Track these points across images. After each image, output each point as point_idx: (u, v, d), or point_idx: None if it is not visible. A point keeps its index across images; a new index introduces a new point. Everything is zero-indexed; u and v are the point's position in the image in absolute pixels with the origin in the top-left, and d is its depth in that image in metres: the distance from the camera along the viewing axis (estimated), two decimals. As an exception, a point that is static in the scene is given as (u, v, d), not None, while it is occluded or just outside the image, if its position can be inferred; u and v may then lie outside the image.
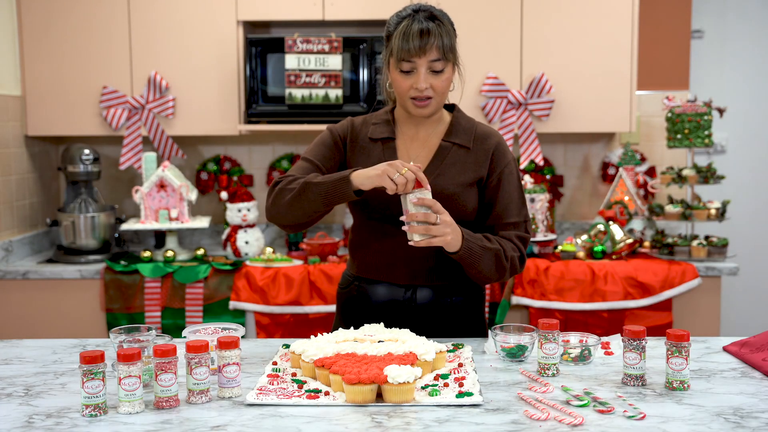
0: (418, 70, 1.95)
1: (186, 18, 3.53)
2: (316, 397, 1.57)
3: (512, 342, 1.84)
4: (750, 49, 4.23)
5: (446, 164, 2.03)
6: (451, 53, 1.97)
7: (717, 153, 4.26)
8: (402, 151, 2.07)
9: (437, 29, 1.94)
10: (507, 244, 2.00)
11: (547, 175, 3.89)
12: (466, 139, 2.06)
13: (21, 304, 3.35)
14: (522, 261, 2.04)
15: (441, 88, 1.98)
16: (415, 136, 2.09)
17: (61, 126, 3.61)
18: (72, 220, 3.49)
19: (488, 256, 1.94)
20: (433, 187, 1.95)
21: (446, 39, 1.95)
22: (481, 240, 1.95)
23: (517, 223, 2.04)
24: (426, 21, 1.95)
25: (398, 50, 1.94)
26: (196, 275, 3.29)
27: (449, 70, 1.99)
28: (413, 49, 1.93)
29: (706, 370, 1.77)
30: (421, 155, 2.06)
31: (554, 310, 3.24)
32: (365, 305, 2.09)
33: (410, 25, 1.94)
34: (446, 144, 2.06)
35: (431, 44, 1.93)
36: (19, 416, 1.51)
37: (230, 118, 3.56)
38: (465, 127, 2.09)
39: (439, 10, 2.02)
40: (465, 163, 2.04)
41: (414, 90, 1.97)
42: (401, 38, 1.94)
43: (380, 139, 2.08)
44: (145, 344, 1.66)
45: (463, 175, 2.03)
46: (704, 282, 3.30)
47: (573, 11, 3.49)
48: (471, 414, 1.50)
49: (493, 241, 1.97)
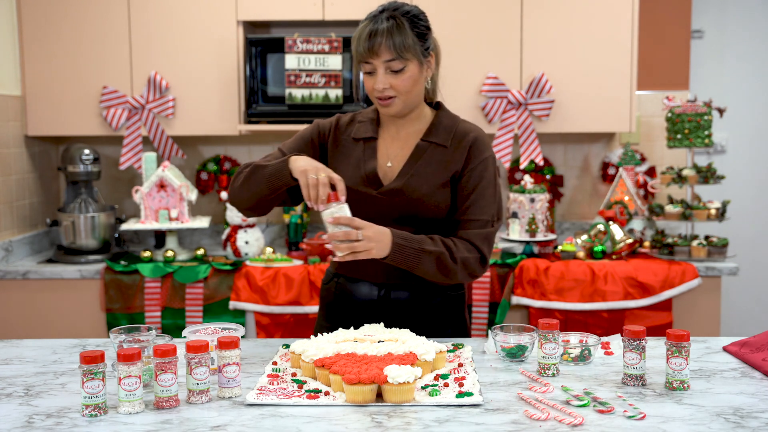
0: (377, 71, 1.96)
1: (186, 18, 3.53)
2: (316, 397, 1.57)
3: (512, 342, 1.84)
4: (750, 49, 4.23)
5: (421, 164, 2.03)
6: (408, 52, 1.94)
7: (717, 153, 4.27)
8: (382, 150, 2.08)
9: (388, 30, 1.93)
10: (461, 244, 1.97)
11: (547, 175, 3.89)
12: (445, 138, 2.05)
13: (21, 304, 3.35)
14: (483, 261, 2.00)
15: (402, 86, 1.97)
16: (396, 136, 2.09)
17: (61, 126, 3.61)
18: (72, 220, 3.49)
19: (427, 259, 1.92)
20: (404, 186, 1.98)
21: (398, 38, 1.93)
22: (421, 243, 1.92)
23: (483, 221, 2.01)
24: (383, 21, 1.94)
25: (354, 52, 1.98)
26: (196, 275, 3.29)
27: (412, 69, 1.97)
28: (364, 51, 1.94)
29: (706, 370, 1.77)
30: (399, 155, 2.06)
31: (554, 310, 3.24)
32: (345, 302, 2.10)
33: (365, 27, 1.95)
34: (423, 143, 2.05)
35: (379, 44, 1.92)
36: (19, 416, 1.51)
37: (230, 118, 3.56)
38: (446, 125, 2.08)
39: (408, 8, 1.99)
40: (441, 162, 2.03)
41: (375, 90, 1.98)
42: (356, 40, 1.97)
43: (362, 138, 2.09)
44: (145, 344, 1.66)
45: (438, 175, 2.01)
46: (704, 282, 3.30)
47: (573, 11, 3.49)
48: (471, 414, 1.50)
49: (437, 243, 1.94)
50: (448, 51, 3.50)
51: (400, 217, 2.01)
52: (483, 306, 3.31)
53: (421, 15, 2.01)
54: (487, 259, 2.01)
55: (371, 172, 2.03)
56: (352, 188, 2.01)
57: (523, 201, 3.44)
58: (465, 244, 1.98)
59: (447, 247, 1.95)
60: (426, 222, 2.02)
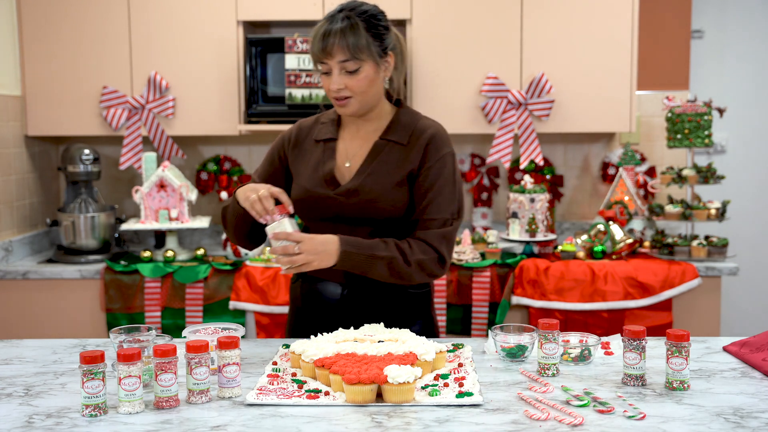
0: (333, 71, 1.96)
1: (186, 18, 3.53)
2: (316, 397, 1.57)
3: (512, 342, 1.84)
4: (750, 49, 4.23)
5: (378, 163, 2.02)
6: (362, 52, 1.94)
7: (717, 153, 4.27)
8: (341, 151, 2.08)
9: (341, 30, 1.93)
10: (416, 246, 1.97)
11: (547, 175, 3.89)
12: (403, 136, 2.04)
13: (21, 304, 3.35)
14: (441, 261, 2.00)
15: (358, 87, 1.97)
16: (356, 135, 2.09)
17: (61, 126, 3.61)
18: (72, 220, 3.49)
19: (379, 264, 1.93)
20: (360, 186, 1.99)
21: (352, 38, 1.93)
22: (372, 248, 1.93)
23: (442, 219, 2.00)
24: (338, 21, 1.94)
25: (310, 53, 1.99)
26: (196, 275, 3.29)
27: (368, 69, 1.96)
28: (318, 51, 1.95)
29: (706, 370, 1.77)
30: (357, 154, 2.06)
31: (554, 310, 3.24)
32: (312, 301, 2.10)
33: (321, 27, 1.96)
34: (382, 142, 2.05)
35: (332, 45, 1.93)
36: (19, 416, 1.51)
37: (230, 118, 3.56)
38: (405, 123, 2.07)
39: (365, 8, 1.99)
40: (399, 161, 2.02)
41: (331, 91, 1.98)
42: (311, 41, 1.97)
43: (323, 140, 2.09)
44: (145, 344, 1.66)
45: (394, 174, 2.01)
46: (704, 282, 3.30)
47: (573, 11, 3.49)
48: (471, 414, 1.50)
49: (390, 248, 1.94)
50: (449, 51, 3.52)
51: (356, 218, 2.01)
52: (483, 306, 3.31)
53: (379, 15, 2.00)
54: (445, 258, 2.01)
55: (329, 173, 2.04)
56: (310, 190, 2.03)
57: (523, 201, 3.44)
58: (421, 245, 1.97)
59: (400, 250, 1.95)
60: (383, 222, 2.01)
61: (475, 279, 3.31)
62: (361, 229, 2.01)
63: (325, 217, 2.04)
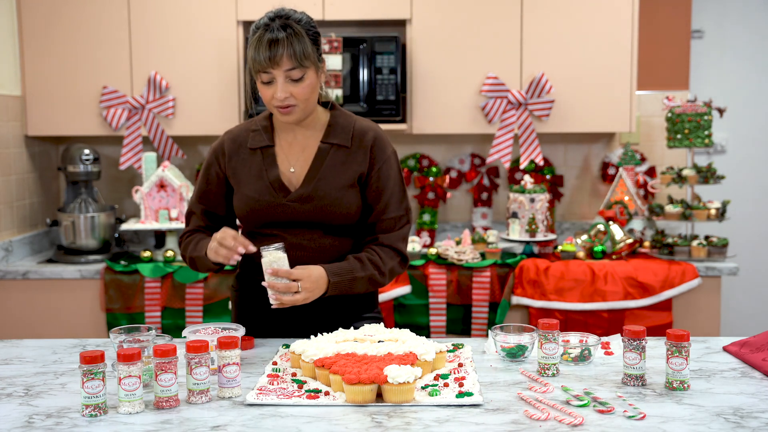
0: (276, 81, 1.94)
1: (186, 18, 3.53)
2: (316, 397, 1.57)
3: (512, 342, 1.84)
4: (750, 49, 4.23)
5: (326, 167, 2.04)
6: (307, 59, 1.94)
7: (717, 153, 4.26)
8: (281, 157, 2.07)
9: (287, 38, 1.92)
10: (384, 255, 2.04)
11: (547, 175, 3.89)
12: (345, 138, 2.06)
13: (21, 304, 3.35)
14: (404, 261, 2.09)
15: (302, 94, 1.97)
16: (294, 141, 2.08)
17: (61, 126, 3.61)
18: (72, 220, 3.49)
19: (361, 283, 2.01)
20: (313, 192, 2.00)
21: (298, 46, 1.92)
22: (353, 272, 1.99)
23: (398, 217, 2.07)
24: (280, 30, 1.92)
25: (252, 62, 1.95)
26: (196, 275, 3.29)
27: (310, 76, 1.97)
28: (264, 61, 1.92)
29: (706, 370, 1.77)
30: (300, 159, 2.06)
31: (554, 310, 3.24)
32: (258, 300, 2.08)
33: (262, 36, 1.92)
34: (325, 146, 2.06)
35: (280, 55, 1.91)
36: (19, 416, 1.51)
37: (230, 118, 3.56)
38: (343, 125, 2.08)
39: (298, 15, 1.98)
40: (345, 163, 2.04)
41: (275, 99, 1.96)
42: (253, 50, 1.93)
43: (259, 147, 2.07)
44: (145, 344, 1.66)
45: (344, 177, 2.03)
46: (704, 282, 3.30)
47: (573, 11, 3.49)
48: (471, 414, 1.50)
49: (366, 266, 2.01)
50: (449, 51, 3.52)
51: (309, 222, 2.03)
52: (483, 306, 3.31)
53: (312, 21, 2.01)
54: (407, 258, 2.11)
55: (275, 180, 2.03)
56: (259, 199, 2.02)
57: (523, 201, 3.44)
58: (387, 251, 2.05)
59: (375, 265, 2.02)
60: (336, 226, 2.04)
61: (475, 279, 3.31)
62: (312, 233, 2.03)
63: (275, 224, 2.04)
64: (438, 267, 3.35)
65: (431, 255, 3.37)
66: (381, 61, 3.45)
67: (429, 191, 3.88)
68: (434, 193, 3.88)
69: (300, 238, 2.03)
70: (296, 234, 2.03)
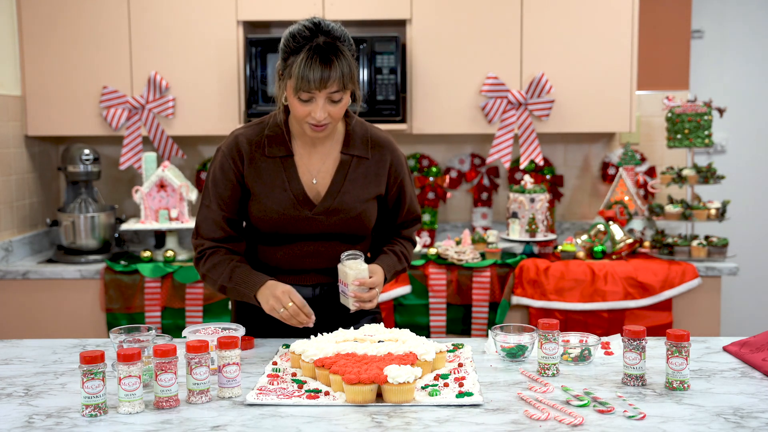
0: (317, 101, 1.89)
1: (186, 18, 3.53)
2: (316, 397, 1.57)
3: (512, 342, 1.84)
4: (750, 49, 4.23)
5: (349, 180, 2.04)
6: (351, 82, 1.91)
7: (717, 153, 4.26)
8: (302, 168, 2.04)
9: (339, 60, 1.87)
10: (409, 247, 2.21)
11: (547, 175, 3.89)
12: (363, 149, 2.07)
13: (21, 304, 3.35)
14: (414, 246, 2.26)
15: (338, 114, 1.94)
16: (313, 150, 2.05)
17: (61, 126, 3.61)
18: (72, 220, 3.49)
19: (395, 275, 2.16)
20: (339, 206, 2.02)
21: (346, 68, 1.88)
22: (395, 266, 2.13)
23: (417, 215, 2.21)
24: (328, 49, 1.86)
25: (298, 80, 1.87)
26: (196, 275, 3.29)
27: (347, 96, 1.94)
28: (314, 83, 1.85)
29: (706, 370, 1.78)
30: (322, 170, 2.05)
31: (554, 310, 3.24)
32: None
33: (312, 56, 1.85)
34: (346, 157, 2.05)
35: (333, 79, 1.86)
36: (19, 416, 1.51)
37: (230, 118, 3.56)
38: (360, 135, 2.08)
39: (339, 31, 1.92)
40: (366, 176, 2.06)
41: (311, 118, 1.92)
42: (302, 68, 1.85)
43: (280, 156, 2.03)
44: (145, 344, 1.66)
45: (366, 190, 2.06)
46: (704, 282, 3.30)
47: (573, 11, 3.49)
48: (471, 414, 1.50)
49: (401, 259, 2.16)
50: (449, 51, 3.52)
51: (330, 233, 2.04)
52: (483, 306, 3.31)
53: (350, 36, 1.95)
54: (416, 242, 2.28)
55: (299, 193, 2.01)
56: (283, 212, 2.00)
57: (523, 201, 3.44)
58: (408, 244, 2.21)
59: (405, 258, 2.18)
60: (354, 235, 2.08)
61: (475, 279, 3.31)
62: (330, 241, 2.06)
63: (300, 236, 2.04)
64: (438, 267, 3.35)
65: (431, 255, 3.37)
66: (381, 61, 3.45)
67: (429, 191, 3.88)
68: (434, 193, 3.88)
69: (318, 246, 2.05)
70: (315, 243, 2.05)
